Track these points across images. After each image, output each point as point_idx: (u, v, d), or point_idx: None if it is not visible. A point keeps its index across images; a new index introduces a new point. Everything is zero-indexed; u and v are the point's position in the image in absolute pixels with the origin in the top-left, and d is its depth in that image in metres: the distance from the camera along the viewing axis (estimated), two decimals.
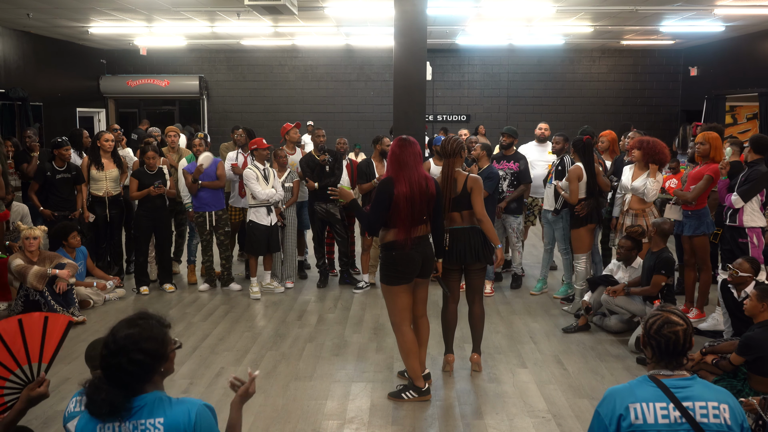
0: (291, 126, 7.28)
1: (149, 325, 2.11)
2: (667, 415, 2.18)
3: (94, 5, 9.32)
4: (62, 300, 5.70)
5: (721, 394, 2.23)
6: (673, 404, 2.18)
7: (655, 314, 2.32)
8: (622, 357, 4.98)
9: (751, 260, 4.68)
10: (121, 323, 2.13)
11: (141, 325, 2.10)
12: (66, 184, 6.59)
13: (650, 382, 2.25)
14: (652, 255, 5.21)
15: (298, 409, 4.10)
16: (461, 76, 14.83)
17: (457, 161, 4.40)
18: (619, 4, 9.28)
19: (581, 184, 5.85)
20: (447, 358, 4.68)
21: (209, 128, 14.63)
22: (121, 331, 2.08)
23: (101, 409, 2.01)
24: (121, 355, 2.02)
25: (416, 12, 6.74)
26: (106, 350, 2.05)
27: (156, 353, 2.08)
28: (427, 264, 4.16)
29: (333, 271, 7.38)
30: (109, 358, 2.04)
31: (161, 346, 2.10)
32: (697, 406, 2.18)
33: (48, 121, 12.09)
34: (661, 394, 2.21)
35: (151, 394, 2.08)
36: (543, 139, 7.37)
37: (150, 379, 2.09)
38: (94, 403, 2.02)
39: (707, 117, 12.60)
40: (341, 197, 4.32)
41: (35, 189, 6.53)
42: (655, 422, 2.18)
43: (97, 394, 2.02)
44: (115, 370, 2.03)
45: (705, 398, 2.19)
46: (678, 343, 2.25)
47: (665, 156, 5.67)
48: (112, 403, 2.01)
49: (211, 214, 6.65)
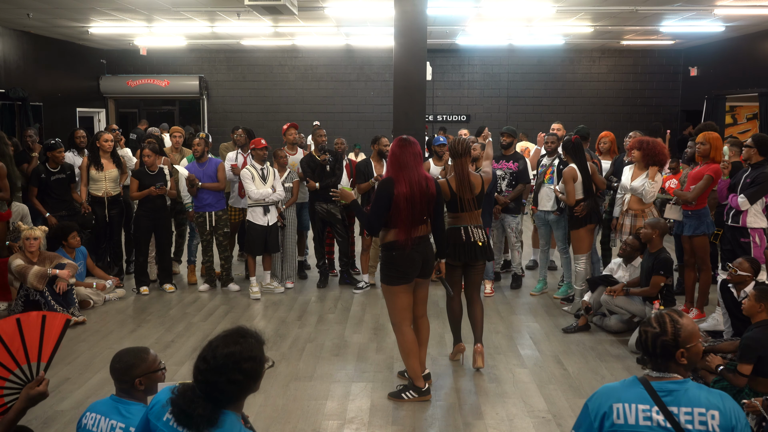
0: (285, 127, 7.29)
1: (249, 344, 2.08)
2: (649, 417, 2.15)
3: (94, 5, 9.32)
4: (62, 300, 5.70)
5: (713, 398, 2.14)
6: (657, 407, 2.14)
7: (654, 313, 2.32)
8: (622, 357, 4.98)
9: (751, 260, 4.68)
10: (220, 338, 2.08)
11: (242, 343, 2.06)
12: (61, 184, 6.60)
13: (638, 384, 2.22)
14: (650, 256, 5.21)
15: (298, 409, 4.10)
16: (461, 76, 14.83)
17: (467, 160, 4.56)
18: (619, 4, 9.28)
19: (577, 184, 5.85)
20: (458, 347, 4.83)
21: (209, 128, 14.64)
22: (222, 348, 2.03)
23: (199, 426, 1.98)
24: (220, 373, 2.00)
25: (416, 12, 6.74)
26: (205, 365, 2.02)
27: (254, 373, 2.06)
28: (428, 264, 4.16)
29: (333, 271, 7.38)
30: (207, 374, 2.01)
31: (259, 366, 2.08)
32: (683, 411, 2.13)
33: (48, 121, 12.09)
34: (646, 396, 2.18)
35: (231, 414, 2.04)
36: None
37: (243, 398, 2.08)
38: (190, 417, 1.99)
39: (707, 117, 12.61)
40: (342, 198, 4.38)
41: (35, 194, 6.53)
42: (636, 423, 2.16)
43: (192, 408, 1.99)
44: (213, 387, 2.01)
45: (693, 404, 2.13)
46: (647, 344, 2.22)
47: (665, 157, 5.67)
48: (210, 419, 1.99)
49: (212, 214, 6.65)
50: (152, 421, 2.13)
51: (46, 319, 2.93)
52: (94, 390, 4.35)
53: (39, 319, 2.92)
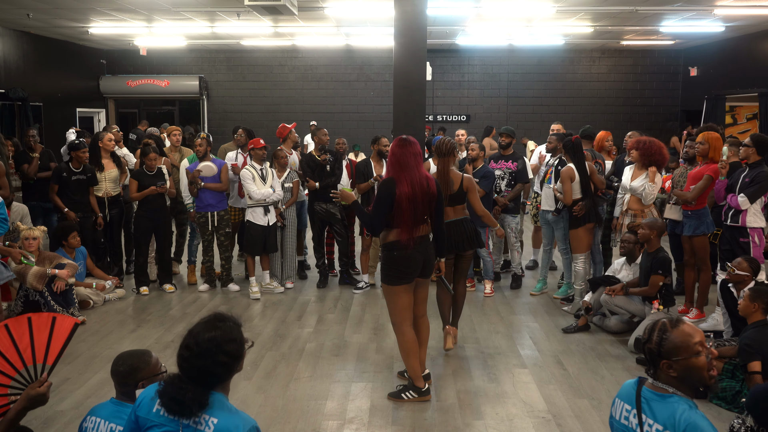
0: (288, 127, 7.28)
1: (228, 327, 2.16)
2: (628, 417, 2.23)
3: (94, 5, 9.32)
4: (62, 300, 5.69)
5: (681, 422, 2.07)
6: (636, 411, 2.20)
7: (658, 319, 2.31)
8: (622, 357, 4.97)
9: (750, 260, 4.68)
10: (200, 325, 2.17)
11: (221, 327, 2.15)
12: (80, 185, 6.56)
13: (635, 385, 2.27)
14: (648, 256, 5.21)
15: (298, 409, 4.10)
16: (461, 76, 14.84)
17: (451, 160, 4.89)
18: (619, 5, 9.29)
19: (574, 184, 5.85)
20: (447, 330, 4.97)
21: (209, 128, 14.64)
22: (203, 333, 2.12)
23: (191, 409, 2.05)
24: (206, 357, 2.08)
25: (416, 12, 6.74)
26: (189, 352, 2.10)
27: (237, 354, 2.15)
28: (428, 264, 4.16)
29: (333, 271, 7.38)
30: (193, 359, 2.09)
31: (240, 347, 2.17)
32: (648, 422, 2.16)
33: (48, 122, 12.10)
34: (633, 398, 2.24)
35: (217, 394, 2.13)
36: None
37: (229, 378, 2.17)
38: (182, 404, 2.05)
39: (707, 117, 12.61)
40: (343, 199, 4.39)
41: (55, 190, 6.51)
42: (618, 419, 2.29)
43: (182, 394, 2.05)
44: (200, 372, 2.09)
45: (659, 419, 2.13)
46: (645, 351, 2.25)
47: (662, 157, 5.67)
48: (201, 402, 2.06)
49: (214, 214, 6.65)
50: (142, 416, 2.17)
51: (56, 321, 2.94)
52: (94, 390, 4.35)
53: (49, 320, 2.93)
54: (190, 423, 2.08)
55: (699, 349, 2.14)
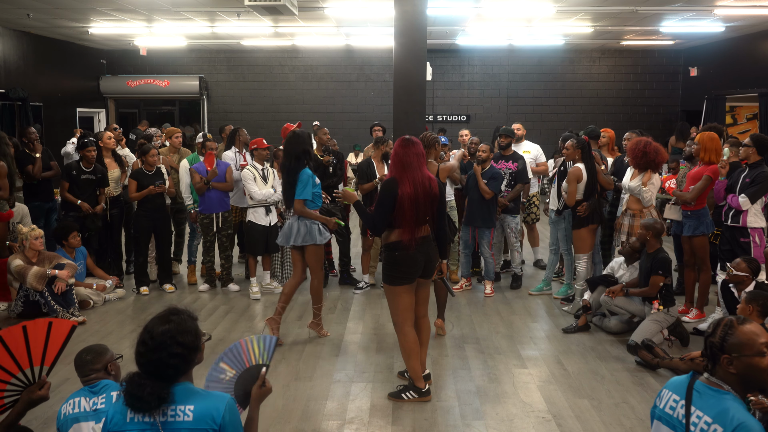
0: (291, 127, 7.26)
1: (182, 319, 2.20)
2: (674, 407, 2.25)
3: (94, 5, 9.32)
4: (62, 300, 5.70)
5: (730, 418, 2.08)
6: (684, 402, 2.21)
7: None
8: (622, 357, 4.97)
9: (749, 260, 4.68)
10: (154, 320, 2.20)
11: (174, 320, 2.18)
12: (90, 185, 6.55)
13: (688, 378, 2.28)
14: (648, 256, 5.20)
15: (298, 409, 4.10)
16: (461, 76, 14.83)
17: (431, 152, 5.35)
18: (619, 5, 9.29)
19: (580, 185, 5.85)
20: (436, 322, 5.36)
21: (209, 128, 14.62)
22: (157, 327, 2.15)
23: (150, 404, 2.07)
24: (161, 350, 2.10)
25: (416, 12, 6.74)
26: (144, 347, 2.13)
27: (193, 345, 2.17)
28: (430, 264, 4.16)
29: (333, 271, 7.37)
30: (149, 354, 2.11)
31: (196, 338, 2.20)
32: (697, 413, 2.17)
33: (48, 122, 12.09)
34: (684, 389, 2.25)
35: (182, 384, 2.15)
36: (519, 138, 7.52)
37: (188, 370, 2.20)
38: (141, 399, 2.07)
39: (707, 117, 12.61)
40: (346, 199, 4.38)
41: (66, 188, 6.49)
42: (663, 408, 2.30)
43: (141, 390, 2.07)
44: (157, 365, 2.11)
45: (708, 411, 2.14)
46: (705, 343, 2.26)
47: (658, 157, 5.63)
48: (160, 395, 2.08)
49: (218, 215, 6.65)
50: (118, 426, 2.15)
51: (53, 325, 2.96)
52: None
53: (45, 325, 2.94)
54: (167, 419, 2.09)
55: (764, 349, 2.12)
